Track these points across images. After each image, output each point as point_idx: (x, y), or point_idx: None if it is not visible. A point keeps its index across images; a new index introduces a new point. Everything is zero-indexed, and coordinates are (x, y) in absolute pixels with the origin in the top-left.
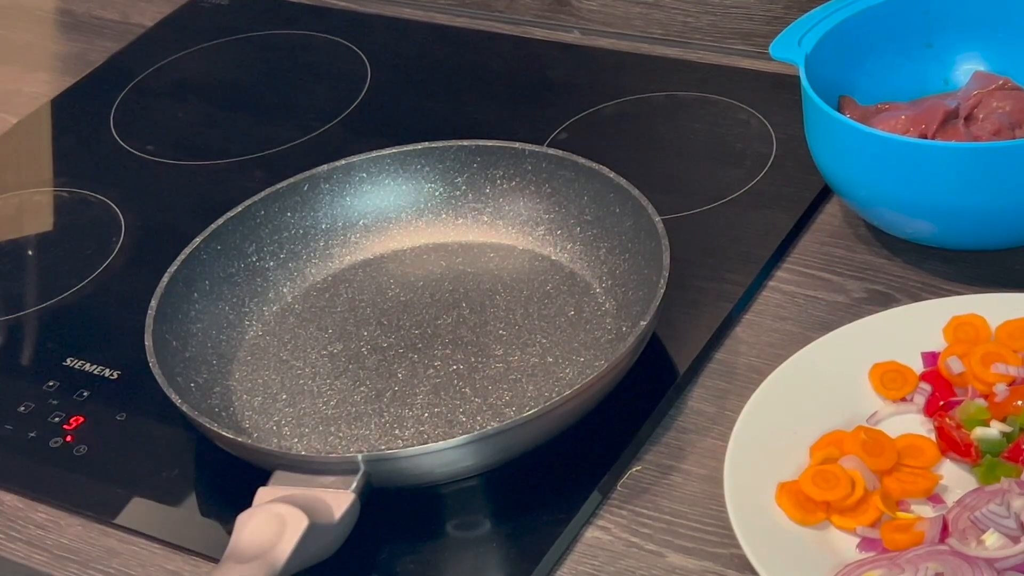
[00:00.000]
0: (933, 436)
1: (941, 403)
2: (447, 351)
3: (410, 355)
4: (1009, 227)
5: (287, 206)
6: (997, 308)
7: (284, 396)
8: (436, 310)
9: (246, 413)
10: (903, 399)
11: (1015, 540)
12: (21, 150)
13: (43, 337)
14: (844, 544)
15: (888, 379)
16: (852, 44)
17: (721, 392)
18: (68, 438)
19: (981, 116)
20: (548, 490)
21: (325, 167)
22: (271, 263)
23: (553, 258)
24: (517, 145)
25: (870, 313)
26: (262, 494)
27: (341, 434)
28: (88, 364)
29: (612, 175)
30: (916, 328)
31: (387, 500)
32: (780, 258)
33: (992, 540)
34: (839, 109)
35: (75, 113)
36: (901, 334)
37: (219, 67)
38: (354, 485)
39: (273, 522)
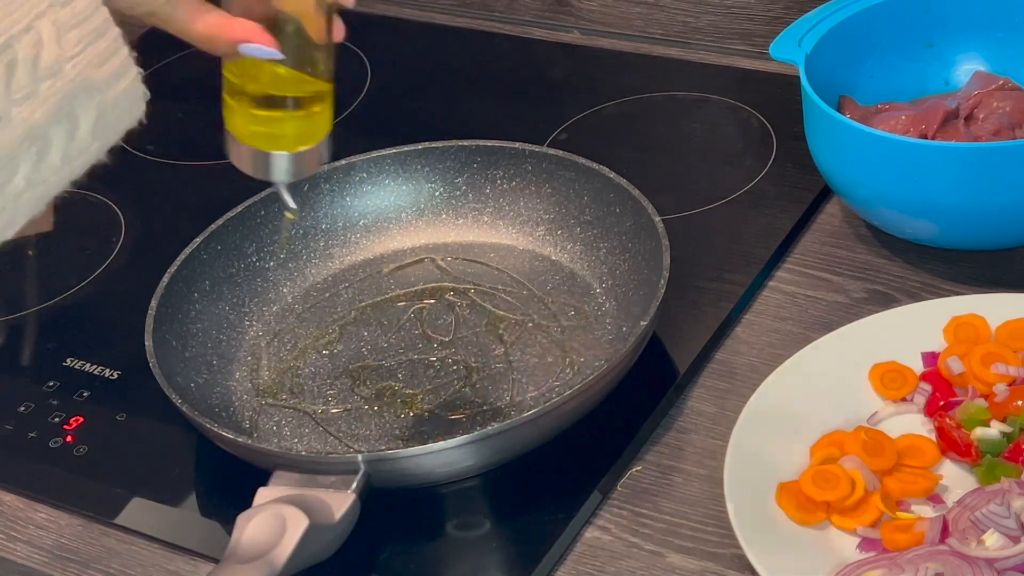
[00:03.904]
0: (933, 436)
1: (941, 403)
2: (447, 351)
3: (410, 355)
4: (1009, 227)
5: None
6: (997, 308)
7: (284, 396)
8: (436, 310)
9: (246, 413)
10: (903, 399)
11: (1015, 540)
12: None
13: (43, 337)
14: (844, 544)
15: (888, 379)
16: (852, 44)
17: (721, 392)
18: (68, 438)
19: (981, 116)
20: (548, 490)
21: (325, 167)
22: (271, 263)
23: (553, 258)
24: (517, 145)
25: (870, 313)
26: (262, 494)
27: (341, 434)
28: (88, 364)
29: (612, 175)
30: (916, 328)
31: (387, 500)
32: (780, 258)
33: (992, 540)
34: (839, 109)
35: None
36: (901, 334)
37: (219, 67)
38: (354, 485)
39: (273, 522)
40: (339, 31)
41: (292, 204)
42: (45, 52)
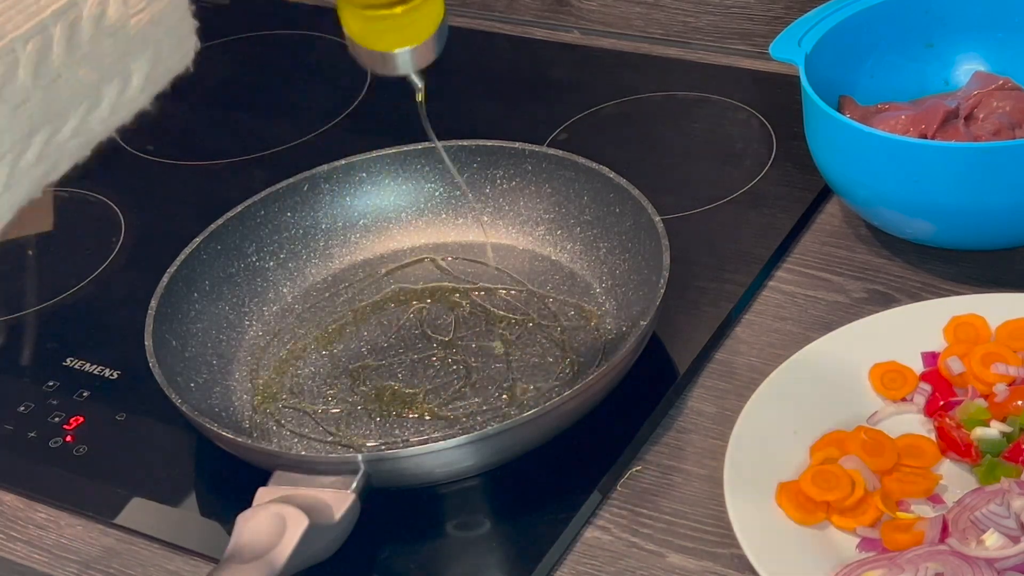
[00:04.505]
0: (933, 436)
1: (941, 403)
2: (447, 351)
3: (410, 355)
4: (1009, 227)
5: (287, 206)
6: (997, 308)
7: (284, 396)
8: (436, 310)
9: (246, 413)
10: (903, 399)
11: (1015, 540)
12: None
13: (43, 337)
14: (844, 544)
15: (888, 379)
16: (852, 44)
17: (721, 392)
18: (68, 438)
19: (981, 116)
20: (548, 490)
21: (325, 167)
22: (271, 263)
23: (553, 258)
24: (517, 145)
25: (870, 313)
26: (262, 494)
27: (341, 434)
28: (88, 364)
29: (612, 175)
30: (916, 328)
31: (387, 500)
32: (780, 258)
33: (992, 540)
34: (839, 109)
35: None
36: (901, 334)
37: (219, 67)
38: (354, 485)
39: (273, 522)
40: None
41: (422, 83)
42: (111, 10)
